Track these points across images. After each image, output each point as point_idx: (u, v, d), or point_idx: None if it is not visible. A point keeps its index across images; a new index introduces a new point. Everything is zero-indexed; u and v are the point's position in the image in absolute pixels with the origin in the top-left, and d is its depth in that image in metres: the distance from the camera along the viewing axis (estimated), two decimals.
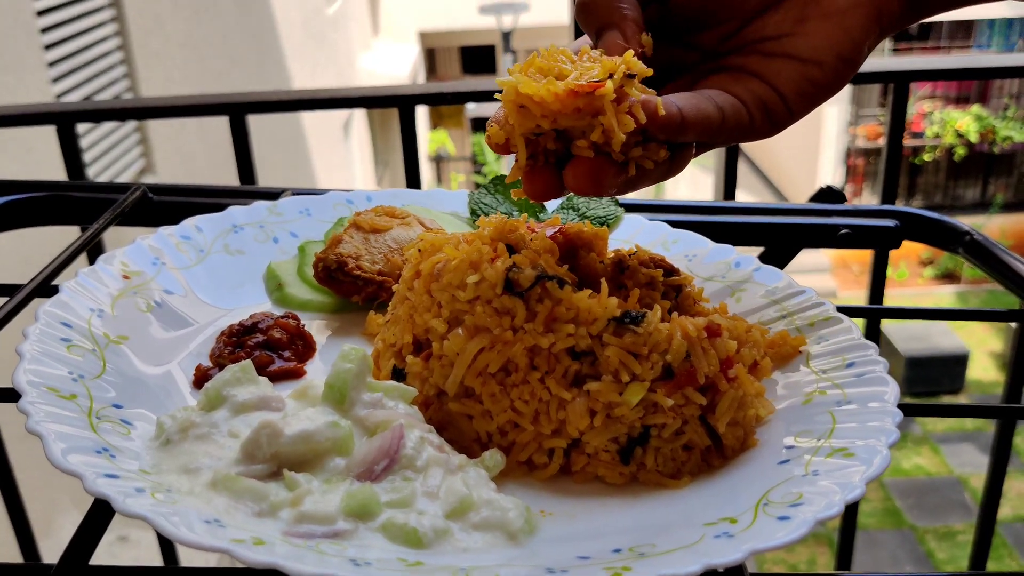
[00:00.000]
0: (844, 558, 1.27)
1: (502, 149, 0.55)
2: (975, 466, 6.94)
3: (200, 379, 0.61)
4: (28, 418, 0.49)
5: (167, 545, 1.42)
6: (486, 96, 1.47)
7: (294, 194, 0.86)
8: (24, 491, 1.22)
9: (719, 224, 0.93)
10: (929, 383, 7.75)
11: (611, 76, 0.52)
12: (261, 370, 0.61)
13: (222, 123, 1.41)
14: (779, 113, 0.57)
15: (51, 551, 1.19)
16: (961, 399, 7.79)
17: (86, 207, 1.01)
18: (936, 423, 7.49)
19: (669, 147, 0.56)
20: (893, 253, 1.17)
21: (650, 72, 0.54)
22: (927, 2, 0.58)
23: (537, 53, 0.56)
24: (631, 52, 0.53)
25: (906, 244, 0.99)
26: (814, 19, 0.56)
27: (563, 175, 0.54)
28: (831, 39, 0.56)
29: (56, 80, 3.47)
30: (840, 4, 0.56)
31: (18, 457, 1.22)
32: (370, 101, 1.44)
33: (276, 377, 0.62)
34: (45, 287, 0.71)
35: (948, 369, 7.86)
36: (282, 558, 0.40)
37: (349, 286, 0.71)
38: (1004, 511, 6.27)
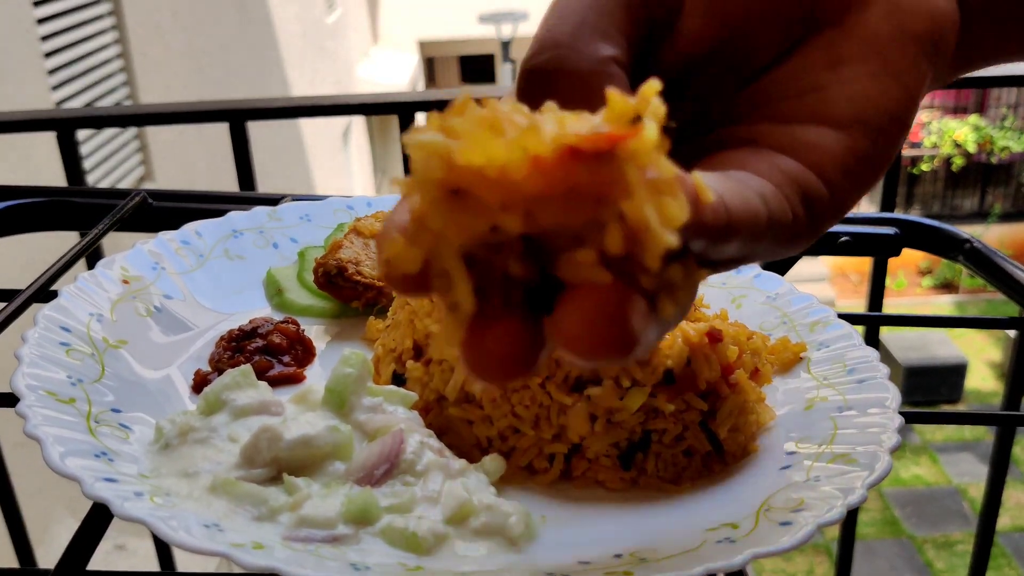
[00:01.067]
0: (844, 567, 1.26)
1: (416, 286, 0.28)
2: (974, 476, 6.94)
3: (199, 384, 0.61)
4: (26, 422, 0.49)
5: (164, 553, 1.42)
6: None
7: (294, 200, 0.86)
8: (19, 498, 1.22)
9: None
10: (927, 392, 7.76)
11: (638, 119, 0.26)
12: (261, 375, 0.61)
13: (221, 131, 1.41)
14: (822, 204, 0.36)
15: (46, 558, 1.19)
16: (959, 408, 7.79)
17: (86, 213, 1.01)
18: (935, 433, 7.49)
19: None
20: (892, 263, 1.17)
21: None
22: (980, 45, 0.40)
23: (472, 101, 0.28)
24: (654, 85, 0.27)
25: (904, 254, 0.99)
26: (851, 63, 0.37)
27: (550, 322, 0.28)
28: (876, 91, 0.37)
29: (56, 88, 3.48)
30: (882, 36, 0.37)
31: (13, 464, 1.21)
32: (370, 108, 1.44)
33: (276, 382, 0.62)
34: (44, 292, 0.71)
35: (946, 379, 7.87)
36: (282, 562, 0.40)
37: (349, 291, 0.71)
38: (1003, 521, 6.26)
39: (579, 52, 0.33)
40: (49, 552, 2.66)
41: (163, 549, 1.37)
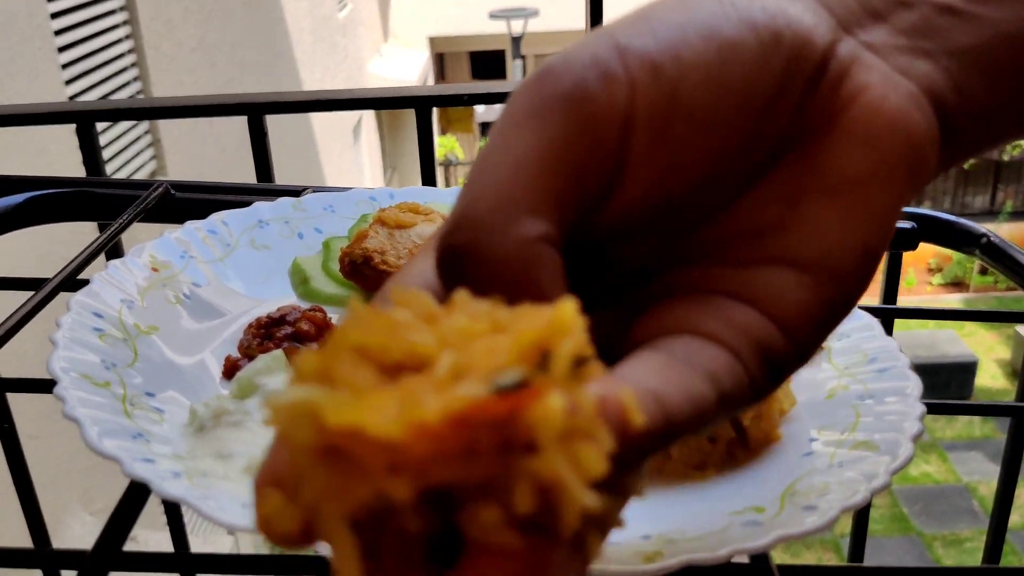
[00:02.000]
0: (856, 560, 1.27)
1: (297, 543, 0.24)
2: (983, 474, 6.93)
3: (229, 370, 0.62)
4: (64, 404, 0.50)
5: (180, 546, 1.43)
6: (502, 98, 1.48)
7: (315, 192, 0.87)
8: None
9: None
10: (937, 391, 7.74)
11: (543, 362, 0.23)
12: (290, 361, 0.62)
13: (232, 126, 1.42)
14: (782, 360, 0.31)
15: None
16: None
17: (109, 203, 1.02)
18: (944, 431, 7.48)
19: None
20: (902, 261, 1.17)
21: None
22: (962, 142, 0.34)
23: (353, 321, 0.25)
24: (568, 304, 0.24)
25: (916, 251, 1.00)
26: (814, 199, 0.31)
27: None
28: (847, 227, 0.31)
29: (69, 82, 3.50)
30: (853, 173, 0.31)
31: (26, 456, 1.23)
32: (388, 102, 1.45)
33: None
34: (71, 281, 0.72)
35: (956, 377, 7.86)
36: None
37: (374, 280, 0.72)
38: (1013, 518, 6.25)
39: (500, 233, 0.28)
40: (62, 544, 2.68)
41: (179, 540, 1.39)
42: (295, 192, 0.89)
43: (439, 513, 0.23)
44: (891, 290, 1.19)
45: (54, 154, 3.16)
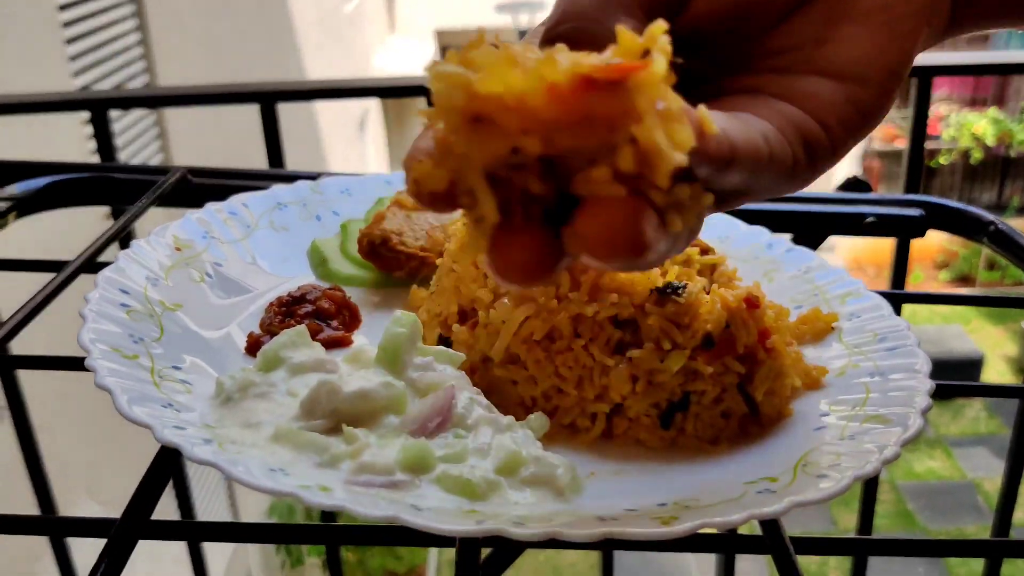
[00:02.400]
0: (859, 563, 1.28)
1: (440, 202, 0.31)
2: (988, 470, 6.92)
3: (252, 346, 0.63)
4: (96, 374, 0.51)
5: (187, 518, 1.44)
6: None
7: (331, 176, 0.88)
8: None
9: (747, 210, 0.95)
10: (944, 386, 7.73)
11: (647, 54, 0.29)
12: (311, 338, 0.63)
13: (239, 116, 1.43)
14: (821, 148, 0.39)
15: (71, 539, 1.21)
16: (976, 403, 7.77)
17: (127, 188, 1.04)
18: (949, 427, 7.47)
19: None
20: (909, 256, 1.18)
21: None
22: (975, 5, 0.42)
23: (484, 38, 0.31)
24: (661, 24, 0.29)
25: (922, 247, 1.01)
26: (849, 21, 0.39)
27: (568, 233, 0.31)
28: (874, 46, 0.39)
29: (78, 73, 3.51)
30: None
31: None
32: (398, 91, 1.46)
33: (325, 345, 0.64)
34: (90, 264, 0.74)
35: (962, 373, 7.84)
36: (347, 501, 0.42)
37: (392, 261, 0.73)
38: (1018, 515, 6.24)
39: (601, 24, 0.34)
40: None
41: (186, 514, 1.40)
42: (310, 177, 0.91)
43: (555, 184, 0.30)
44: (899, 276, 1.20)
45: (61, 144, 3.18)
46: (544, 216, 0.31)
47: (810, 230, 0.95)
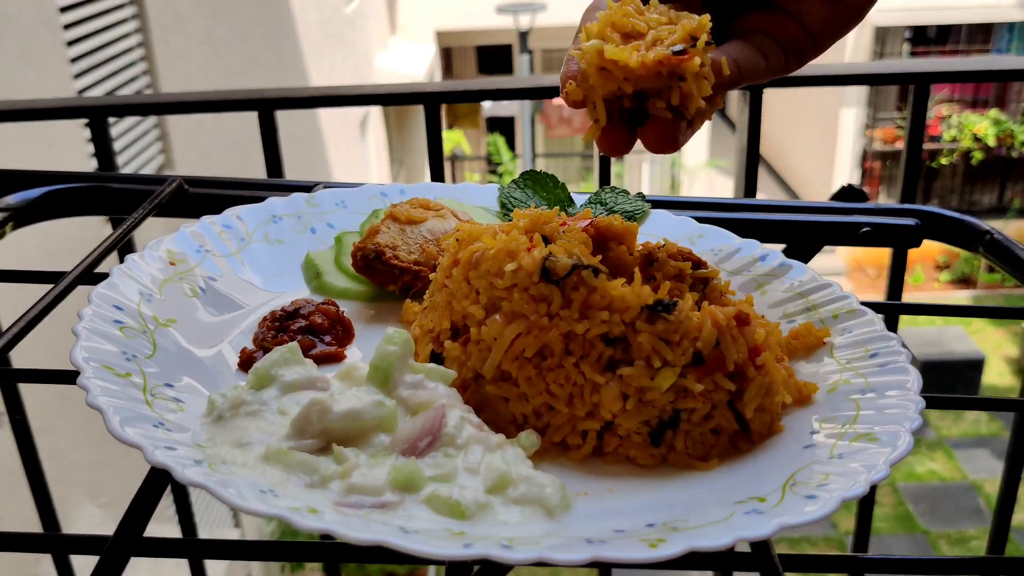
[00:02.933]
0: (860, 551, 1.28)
1: (579, 105, 0.58)
2: (989, 472, 6.91)
3: (245, 362, 0.63)
4: (88, 393, 0.51)
5: (189, 535, 1.45)
6: (510, 94, 1.49)
7: (327, 187, 0.88)
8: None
9: (741, 221, 0.95)
10: (944, 388, 7.72)
11: (694, 44, 0.56)
12: (304, 353, 0.63)
13: (240, 121, 1.44)
14: (807, 52, 0.62)
15: None
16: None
17: (123, 198, 1.04)
18: (950, 428, 7.47)
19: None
20: (909, 258, 1.18)
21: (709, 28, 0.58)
22: None
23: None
24: (707, 18, 0.57)
25: (923, 248, 1.01)
26: None
27: (640, 133, 0.58)
28: None
29: (78, 76, 3.52)
30: None
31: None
32: (396, 98, 1.47)
33: (318, 360, 0.64)
34: (88, 275, 0.74)
35: (963, 374, 7.83)
36: (336, 524, 0.42)
37: (386, 275, 0.73)
38: (1018, 517, 6.25)
39: None
40: None
41: (189, 535, 1.41)
42: (307, 188, 0.91)
43: (637, 101, 0.58)
44: (896, 286, 1.20)
45: (63, 148, 3.18)
46: (630, 120, 0.59)
47: (804, 241, 0.95)
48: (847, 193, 1.07)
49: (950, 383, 7.78)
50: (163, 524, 3.38)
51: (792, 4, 0.62)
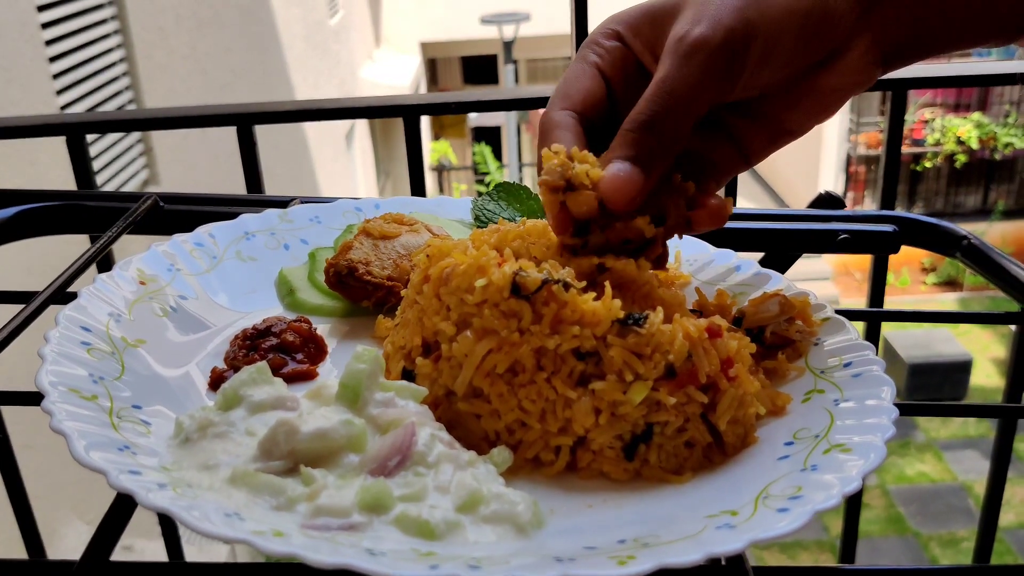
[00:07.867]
0: (847, 561, 1.28)
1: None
2: (979, 472, 6.93)
3: (215, 381, 0.63)
4: (52, 418, 0.50)
5: (175, 553, 1.43)
6: (489, 106, 1.49)
7: (303, 202, 0.88)
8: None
9: (717, 229, 0.95)
10: (932, 390, 7.75)
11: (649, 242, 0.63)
12: (275, 372, 0.62)
13: (225, 134, 1.42)
14: (740, 169, 0.67)
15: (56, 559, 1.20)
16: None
17: (98, 216, 1.03)
18: (939, 430, 7.49)
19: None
20: (895, 260, 1.18)
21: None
22: (901, 55, 0.63)
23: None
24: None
25: (908, 251, 1.01)
26: (807, 97, 0.63)
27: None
28: (816, 116, 0.65)
29: (61, 92, 3.50)
30: (832, 85, 0.63)
31: (21, 466, 1.23)
32: (376, 111, 1.46)
33: (289, 379, 0.64)
34: (60, 294, 0.73)
35: (951, 376, 7.86)
36: (301, 548, 0.42)
37: (359, 291, 0.73)
38: (1008, 518, 6.26)
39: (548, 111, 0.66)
40: (57, 553, 2.67)
41: (173, 549, 1.39)
42: (283, 203, 0.90)
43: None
44: (877, 293, 1.20)
45: (45, 164, 3.17)
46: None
47: (782, 249, 0.95)
48: (825, 200, 1.07)
49: (938, 385, 7.81)
50: (153, 540, 3.35)
51: (747, 128, 0.65)
